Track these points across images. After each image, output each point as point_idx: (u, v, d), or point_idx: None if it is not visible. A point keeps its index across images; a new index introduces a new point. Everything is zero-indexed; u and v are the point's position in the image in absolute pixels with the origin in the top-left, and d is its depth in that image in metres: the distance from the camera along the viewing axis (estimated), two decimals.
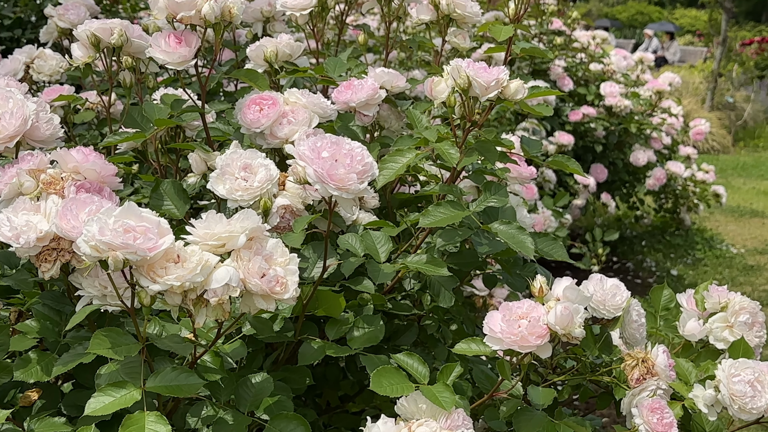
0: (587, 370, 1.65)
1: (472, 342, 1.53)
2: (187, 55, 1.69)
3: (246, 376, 1.50)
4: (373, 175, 1.46)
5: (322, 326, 1.67)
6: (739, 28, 22.76)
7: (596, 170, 5.83)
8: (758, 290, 5.79)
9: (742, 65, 14.41)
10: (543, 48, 3.22)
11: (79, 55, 1.91)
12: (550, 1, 6.32)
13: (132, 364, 1.33)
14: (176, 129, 1.94)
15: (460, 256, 1.81)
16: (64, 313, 1.52)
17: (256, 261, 1.30)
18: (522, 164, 1.97)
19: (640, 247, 6.70)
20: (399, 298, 1.87)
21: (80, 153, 1.51)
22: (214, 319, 1.29)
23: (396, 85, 1.97)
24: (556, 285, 1.51)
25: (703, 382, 1.59)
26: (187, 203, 1.73)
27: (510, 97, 1.68)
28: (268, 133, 1.75)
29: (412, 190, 2.11)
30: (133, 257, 1.20)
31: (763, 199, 8.89)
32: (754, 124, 13.35)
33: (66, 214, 1.31)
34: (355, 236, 1.71)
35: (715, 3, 13.46)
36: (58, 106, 2.11)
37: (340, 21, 2.40)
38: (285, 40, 1.99)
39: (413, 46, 2.37)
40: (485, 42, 4.36)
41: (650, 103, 6.07)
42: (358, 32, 2.39)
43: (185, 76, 2.19)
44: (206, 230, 1.30)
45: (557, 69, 5.66)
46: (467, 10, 2.03)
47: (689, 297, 1.84)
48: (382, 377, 1.43)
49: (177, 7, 1.66)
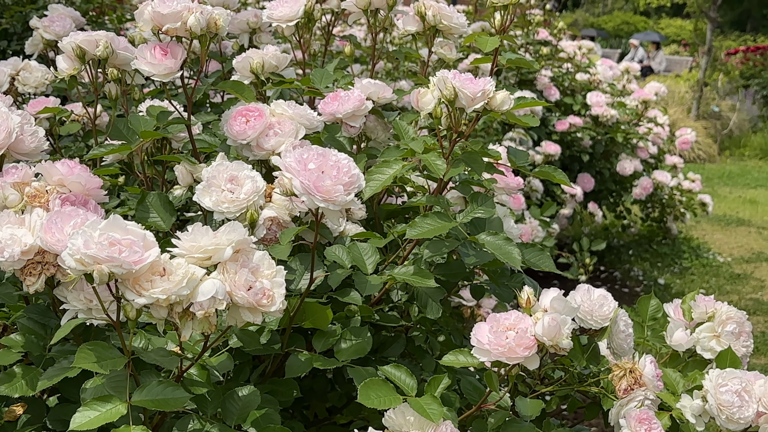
0: (575, 381, 1.65)
1: (460, 354, 1.53)
2: (173, 66, 1.69)
3: (233, 389, 1.49)
4: (359, 186, 1.46)
5: (309, 338, 1.67)
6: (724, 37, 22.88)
7: (583, 180, 5.84)
8: (745, 299, 5.81)
9: (727, 74, 14.49)
10: (529, 58, 3.23)
11: (64, 67, 1.90)
12: (536, 12, 6.35)
13: (118, 378, 1.32)
14: (162, 141, 1.93)
15: (447, 267, 1.81)
16: (49, 326, 1.51)
17: (242, 273, 1.29)
18: (509, 175, 1.97)
19: (627, 256, 6.71)
20: (386, 309, 1.87)
21: (65, 166, 1.50)
22: (201, 332, 1.29)
23: (382, 96, 1.97)
24: (544, 296, 1.51)
25: (691, 392, 1.59)
26: (174, 215, 1.72)
27: (496, 108, 1.68)
28: (254, 145, 1.75)
29: (400, 201, 2.11)
30: (119, 270, 1.19)
31: (749, 208, 8.93)
32: (739, 133, 13.42)
33: (51, 228, 1.31)
34: (342, 248, 1.70)
35: (700, 13, 13.54)
36: (43, 118, 2.10)
37: (327, 32, 2.40)
38: (271, 52, 1.99)
39: (399, 57, 2.37)
40: (472, 52, 4.38)
41: (636, 113, 6.09)
42: (345, 43, 2.39)
43: (171, 88, 2.19)
44: (192, 243, 1.29)
45: (544, 79, 5.68)
46: (453, 21, 2.04)
47: (676, 307, 1.84)
48: (369, 389, 1.43)
49: (162, 19, 1.66)
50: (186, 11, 1.66)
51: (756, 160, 12.46)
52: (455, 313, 2.27)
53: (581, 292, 1.63)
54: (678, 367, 1.77)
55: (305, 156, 1.42)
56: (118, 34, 2.16)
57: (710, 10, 12.90)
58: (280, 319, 1.59)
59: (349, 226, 1.80)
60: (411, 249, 1.79)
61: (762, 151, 12.75)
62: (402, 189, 2.02)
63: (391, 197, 2.10)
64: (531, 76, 5.67)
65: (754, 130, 13.52)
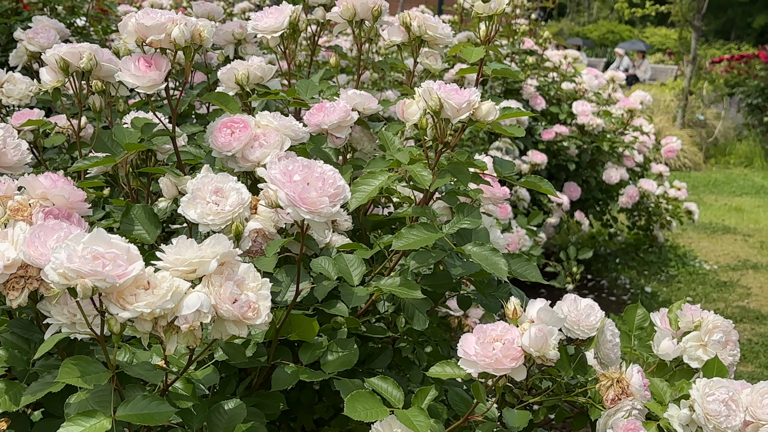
0: (562, 391, 1.65)
1: (447, 365, 1.52)
2: (157, 78, 1.68)
3: (218, 403, 1.48)
4: (345, 198, 1.45)
5: (295, 350, 1.66)
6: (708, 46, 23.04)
7: (569, 188, 5.86)
8: (731, 306, 5.82)
9: (712, 83, 14.57)
10: (515, 68, 3.24)
11: (47, 79, 1.89)
12: (522, 21, 6.38)
13: (102, 393, 1.31)
14: (148, 152, 1.92)
15: (434, 277, 1.80)
16: (33, 341, 1.49)
17: (227, 286, 1.28)
18: (495, 185, 1.97)
19: (614, 264, 6.73)
20: (373, 320, 1.86)
21: (48, 179, 1.49)
22: (186, 345, 1.28)
23: (368, 106, 1.97)
24: (530, 306, 1.51)
25: (678, 402, 1.59)
26: (158, 228, 1.71)
27: (482, 119, 1.68)
28: (239, 157, 1.74)
29: (386, 211, 2.10)
30: (102, 284, 1.19)
31: (734, 216, 8.97)
32: (724, 141, 13.49)
33: (34, 241, 1.30)
34: (328, 259, 1.70)
35: (684, 22, 13.61)
36: (27, 130, 2.09)
37: (313, 42, 2.40)
38: (256, 63, 1.99)
39: (385, 68, 2.37)
40: (458, 62, 4.38)
41: (622, 122, 6.12)
42: (331, 53, 2.39)
43: (156, 99, 2.18)
44: (177, 256, 1.28)
45: (529, 88, 5.70)
46: (438, 32, 2.04)
47: (663, 316, 1.84)
48: (356, 402, 1.42)
49: (146, 30, 1.65)
50: (170, 23, 1.65)
51: (741, 168, 12.53)
52: (442, 323, 2.26)
53: (568, 302, 1.63)
54: (665, 377, 1.76)
55: (290, 168, 1.42)
56: (103, 45, 2.15)
57: (695, 19, 12.97)
58: (266, 332, 1.58)
59: (335, 237, 1.80)
60: (397, 260, 1.79)
61: (747, 159, 12.83)
62: (388, 200, 2.02)
63: (377, 208, 2.10)
64: (517, 86, 5.69)
65: (739, 138, 13.60)
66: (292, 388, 1.68)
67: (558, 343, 1.45)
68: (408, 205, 1.88)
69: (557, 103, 5.99)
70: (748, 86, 13.42)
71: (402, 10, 2.07)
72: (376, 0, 2.13)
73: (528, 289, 1.92)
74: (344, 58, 2.50)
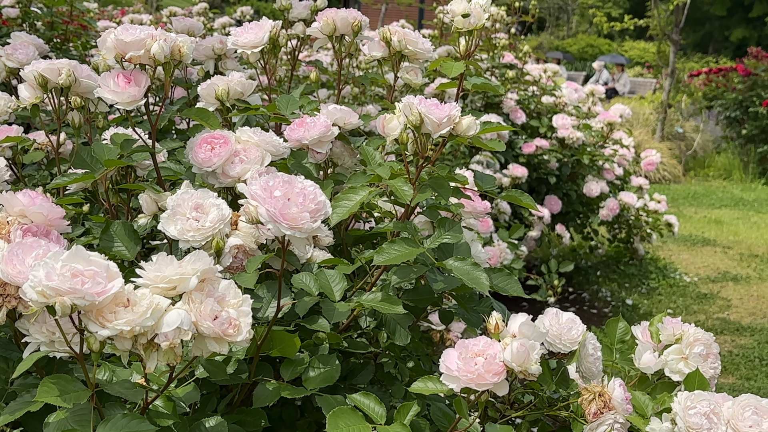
0: (545, 405, 1.65)
1: (429, 380, 1.52)
2: (137, 94, 1.67)
3: (200, 420, 1.47)
4: (326, 213, 1.45)
5: (277, 367, 1.65)
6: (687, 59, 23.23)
7: (550, 202, 5.88)
8: (712, 318, 5.85)
9: (690, 96, 14.68)
10: (495, 82, 3.25)
11: (26, 95, 1.88)
12: (502, 36, 6.41)
13: (81, 412, 1.30)
14: (127, 168, 1.91)
15: (415, 292, 1.80)
16: (11, 360, 1.48)
17: (208, 303, 1.28)
18: (476, 199, 1.97)
19: (595, 277, 6.75)
20: (355, 336, 1.86)
21: (26, 196, 1.48)
22: (166, 363, 1.27)
23: (349, 121, 1.97)
24: (512, 321, 1.50)
25: (660, 415, 1.59)
26: (138, 244, 1.70)
27: (462, 134, 1.68)
28: (220, 173, 1.73)
29: (367, 226, 2.10)
30: (81, 302, 1.17)
31: (714, 228, 9.03)
32: (703, 154, 13.59)
33: (12, 259, 1.28)
34: (310, 275, 1.69)
35: (663, 35, 13.73)
36: (6, 146, 2.08)
37: (293, 57, 2.40)
38: (236, 78, 1.99)
39: (366, 83, 2.37)
40: (438, 76, 4.39)
41: (602, 135, 6.15)
42: (312, 68, 2.39)
43: (136, 115, 2.17)
44: (156, 273, 1.27)
45: (510, 102, 5.72)
46: (418, 47, 2.04)
47: (644, 329, 1.85)
48: (338, 418, 1.42)
49: (126, 46, 1.65)
50: (149, 39, 1.65)
51: (720, 181, 12.62)
52: (424, 338, 2.26)
53: (549, 316, 1.63)
54: (647, 390, 1.77)
55: (271, 183, 1.41)
56: (83, 61, 2.14)
57: (673, 32, 13.08)
58: (248, 348, 1.57)
59: (316, 252, 1.79)
60: (379, 275, 1.79)
61: (726, 172, 12.93)
62: (369, 214, 2.02)
63: (358, 223, 2.09)
64: (497, 100, 5.71)
65: (718, 151, 13.70)
66: (274, 405, 1.67)
67: (540, 358, 1.45)
68: (389, 219, 1.88)
69: (537, 117, 6.02)
70: (726, 99, 13.53)
71: (382, 25, 2.08)
72: (356, 15, 2.13)
73: (510, 302, 1.92)
74: (325, 72, 2.50)
